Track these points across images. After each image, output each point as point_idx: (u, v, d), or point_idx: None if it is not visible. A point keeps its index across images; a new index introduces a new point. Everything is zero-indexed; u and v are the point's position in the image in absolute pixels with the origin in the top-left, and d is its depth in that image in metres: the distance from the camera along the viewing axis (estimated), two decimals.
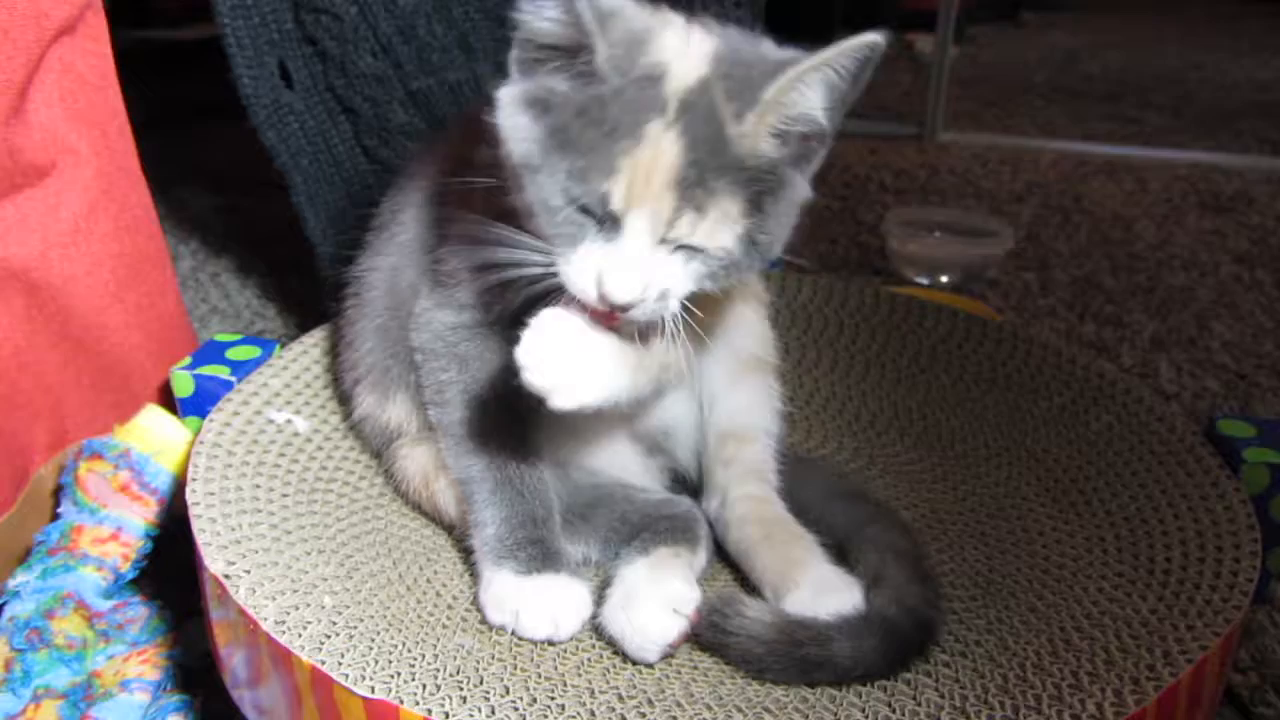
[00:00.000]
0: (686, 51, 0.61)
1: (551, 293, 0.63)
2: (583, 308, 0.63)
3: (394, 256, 0.80)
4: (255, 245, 1.71)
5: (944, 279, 1.59)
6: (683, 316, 0.64)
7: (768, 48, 0.63)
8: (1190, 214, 1.98)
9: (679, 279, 0.62)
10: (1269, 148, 2.45)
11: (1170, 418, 0.84)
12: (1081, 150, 2.40)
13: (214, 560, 0.66)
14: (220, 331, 1.43)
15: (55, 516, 0.89)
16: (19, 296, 0.87)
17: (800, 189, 0.64)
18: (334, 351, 0.90)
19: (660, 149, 0.58)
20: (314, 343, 0.94)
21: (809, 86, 0.59)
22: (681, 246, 0.61)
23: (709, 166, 0.58)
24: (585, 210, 0.60)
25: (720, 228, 0.60)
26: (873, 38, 0.58)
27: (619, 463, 0.79)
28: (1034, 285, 1.62)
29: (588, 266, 0.60)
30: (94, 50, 0.93)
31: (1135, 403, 0.86)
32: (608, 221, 0.60)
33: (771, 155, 0.61)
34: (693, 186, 0.58)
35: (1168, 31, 4.02)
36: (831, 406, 1.00)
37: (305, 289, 1.47)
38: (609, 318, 0.63)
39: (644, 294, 0.60)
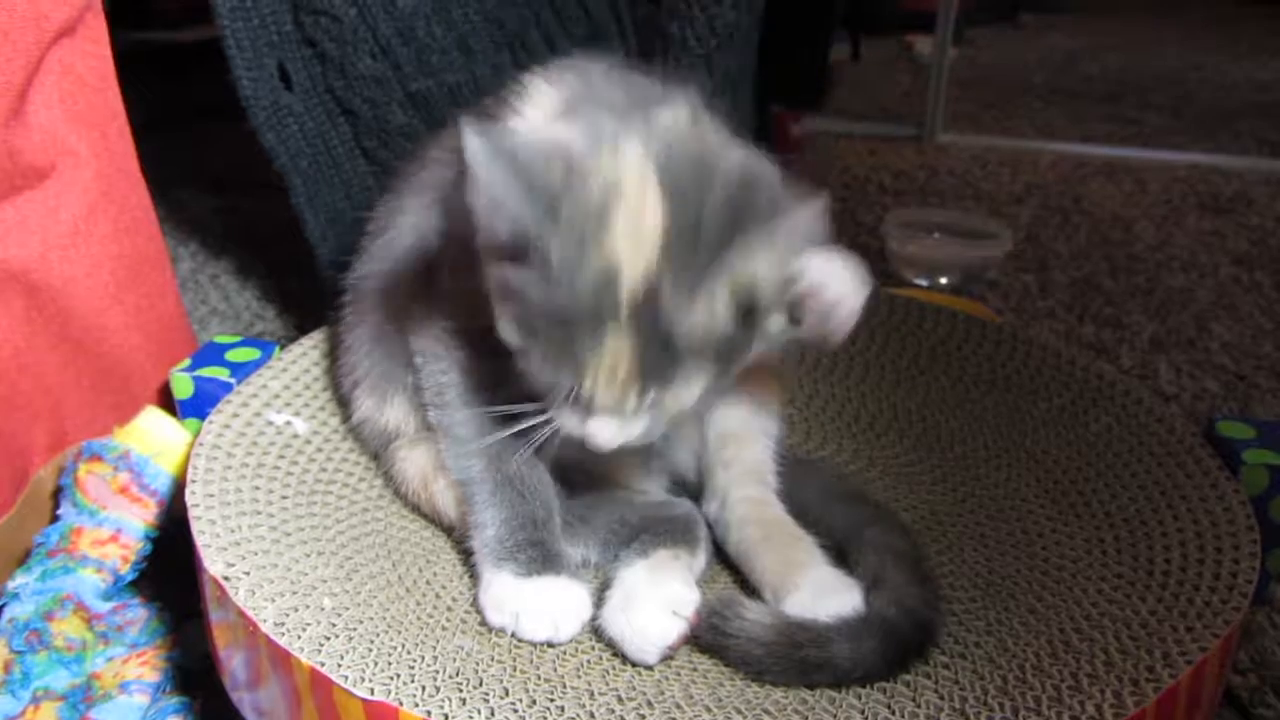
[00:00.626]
0: (638, 237, 0.57)
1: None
2: None
3: (391, 262, 0.80)
4: (255, 247, 1.71)
5: (943, 280, 1.59)
6: None
7: (728, 164, 0.60)
8: (1190, 215, 1.98)
9: (655, 422, 0.63)
10: (1268, 149, 2.45)
11: (1170, 419, 0.84)
12: (1081, 151, 2.40)
13: (213, 562, 0.66)
14: (220, 333, 1.43)
15: (55, 518, 0.89)
16: (18, 298, 0.87)
17: (774, 328, 0.65)
18: (333, 355, 0.90)
19: (620, 350, 0.58)
20: (313, 345, 0.94)
21: (760, 261, 0.58)
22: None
23: (667, 356, 0.59)
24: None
25: (685, 391, 0.61)
26: (817, 204, 0.57)
27: (618, 465, 0.79)
28: (1033, 286, 1.62)
29: (573, 419, 0.63)
30: (94, 52, 0.93)
31: (1135, 404, 0.86)
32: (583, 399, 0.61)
33: (729, 327, 0.59)
34: (653, 373, 0.59)
35: (1167, 33, 4.02)
36: (831, 408, 1.00)
37: (305, 291, 1.47)
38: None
39: (626, 441, 0.63)
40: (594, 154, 0.59)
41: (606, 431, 0.62)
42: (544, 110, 0.71)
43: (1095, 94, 3.02)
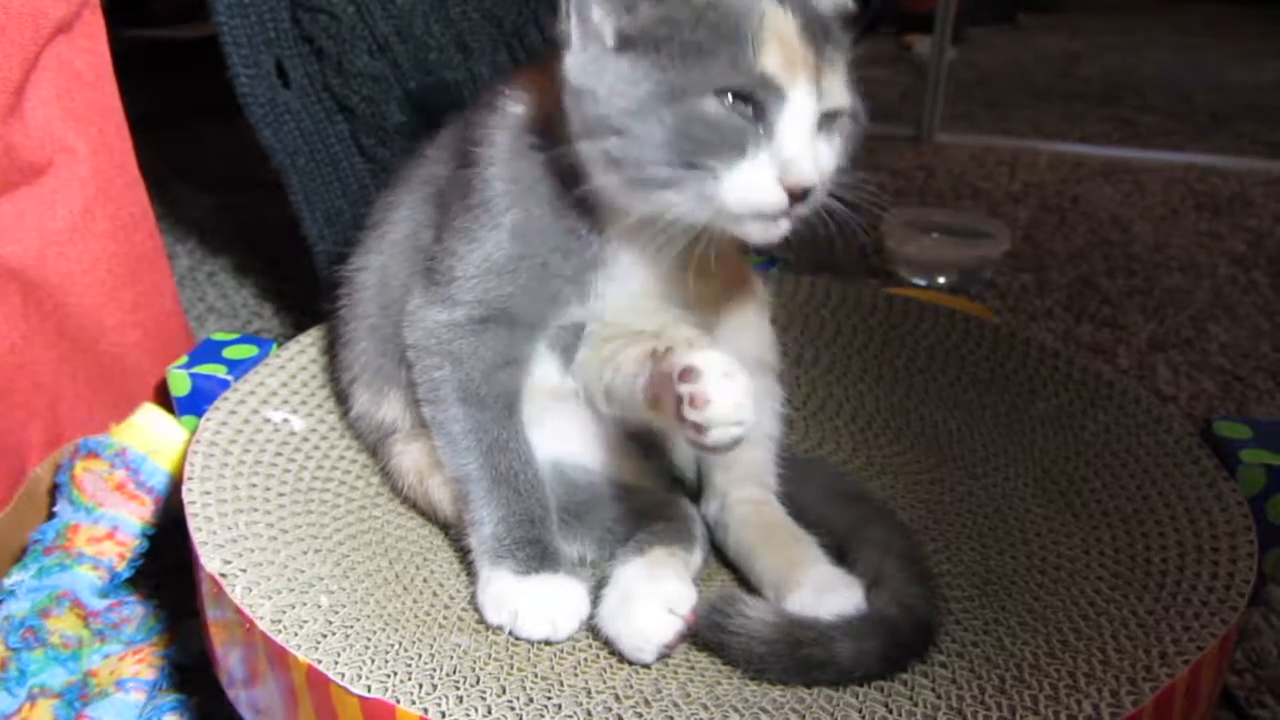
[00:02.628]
0: None
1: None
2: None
3: (386, 255, 0.80)
4: (252, 244, 1.71)
5: (941, 280, 1.59)
6: None
7: None
8: (1187, 216, 1.98)
9: (829, 159, 0.64)
10: (1266, 150, 2.45)
11: (1167, 419, 0.84)
12: (1079, 152, 2.40)
13: (210, 559, 0.66)
14: (217, 330, 1.43)
15: (51, 515, 0.88)
16: (15, 295, 0.87)
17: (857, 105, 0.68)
18: (330, 354, 0.90)
19: (784, 22, 0.61)
20: (311, 342, 0.93)
21: None
22: (824, 118, 0.63)
23: (819, 26, 0.63)
24: (744, 100, 0.60)
25: (844, 87, 0.64)
26: None
27: (616, 463, 0.79)
28: (1031, 286, 1.62)
29: (761, 167, 0.61)
30: (91, 49, 0.93)
31: (1132, 404, 0.86)
32: (765, 105, 0.60)
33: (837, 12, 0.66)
34: (818, 44, 0.62)
35: (1165, 34, 4.02)
36: (829, 407, 1.00)
37: (302, 288, 1.47)
38: (782, 218, 0.63)
39: (823, 173, 0.63)
40: None
41: (809, 157, 0.60)
42: (542, 91, 0.71)
43: (1093, 94, 3.02)
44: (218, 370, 0.88)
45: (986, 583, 0.75)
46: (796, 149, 0.60)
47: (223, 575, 0.64)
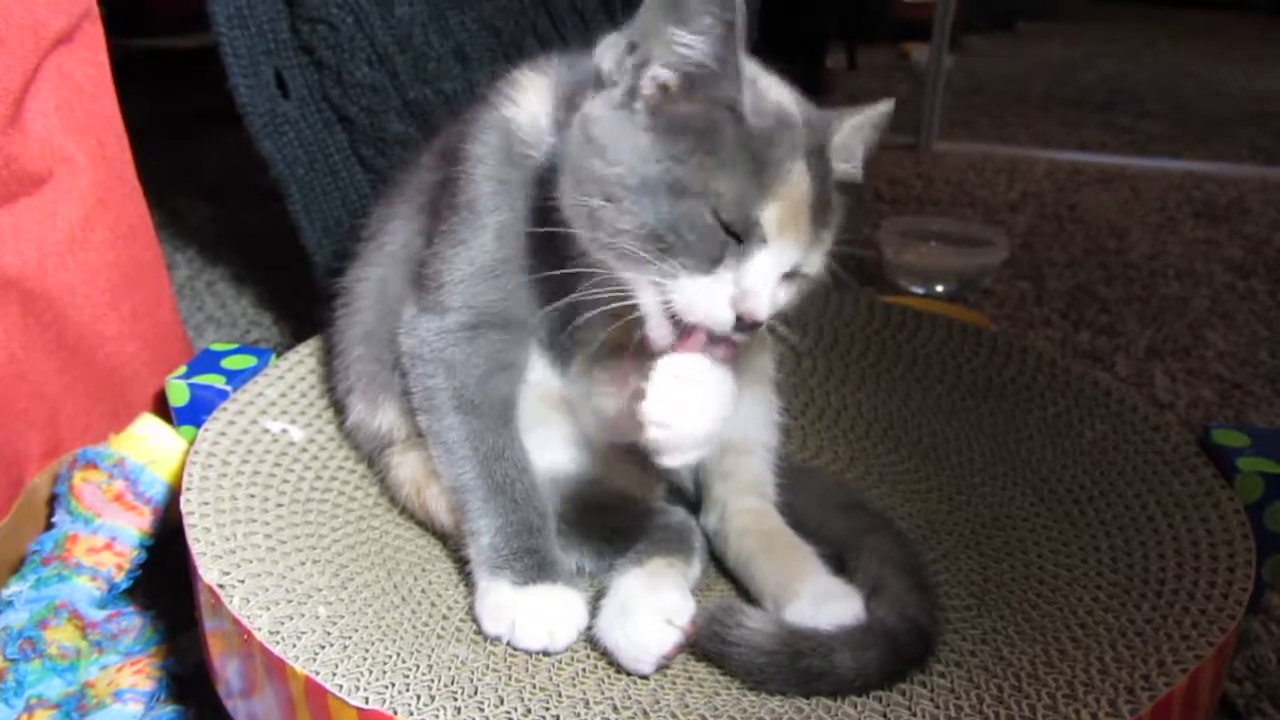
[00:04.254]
0: (786, 97, 0.67)
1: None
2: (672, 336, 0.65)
3: (382, 266, 0.80)
4: (251, 253, 1.71)
5: (939, 288, 1.59)
6: None
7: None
8: (1185, 223, 1.98)
9: (786, 297, 0.67)
10: (1263, 157, 2.46)
11: (1165, 427, 0.84)
12: (1076, 159, 2.41)
13: (208, 570, 0.66)
14: (216, 340, 1.43)
15: (49, 526, 0.88)
16: (14, 305, 0.87)
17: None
18: (328, 363, 0.90)
19: (801, 185, 0.63)
20: (309, 352, 0.93)
21: (860, 131, 0.71)
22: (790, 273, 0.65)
23: (827, 199, 0.66)
24: (728, 231, 0.62)
25: (822, 258, 0.67)
26: (890, 105, 0.71)
27: (614, 473, 0.79)
28: (1029, 294, 1.63)
29: (720, 289, 0.62)
30: (91, 60, 0.93)
31: (1130, 412, 0.87)
32: (748, 242, 0.62)
33: (857, 173, 0.71)
34: (820, 215, 0.65)
35: (1161, 42, 4.04)
36: (827, 416, 1.00)
37: (301, 297, 1.47)
38: (726, 345, 0.65)
39: (773, 310, 0.64)
40: None
41: (765, 298, 0.62)
42: (538, 97, 0.71)
43: (1091, 102, 3.03)
44: (216, 381, 0.88)
45: (984, 592, 0.75)
46: (758, 284, 0.62)
47: (221, 586, 0.64)
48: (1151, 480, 0.80)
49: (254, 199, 1.58)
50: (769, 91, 0.66)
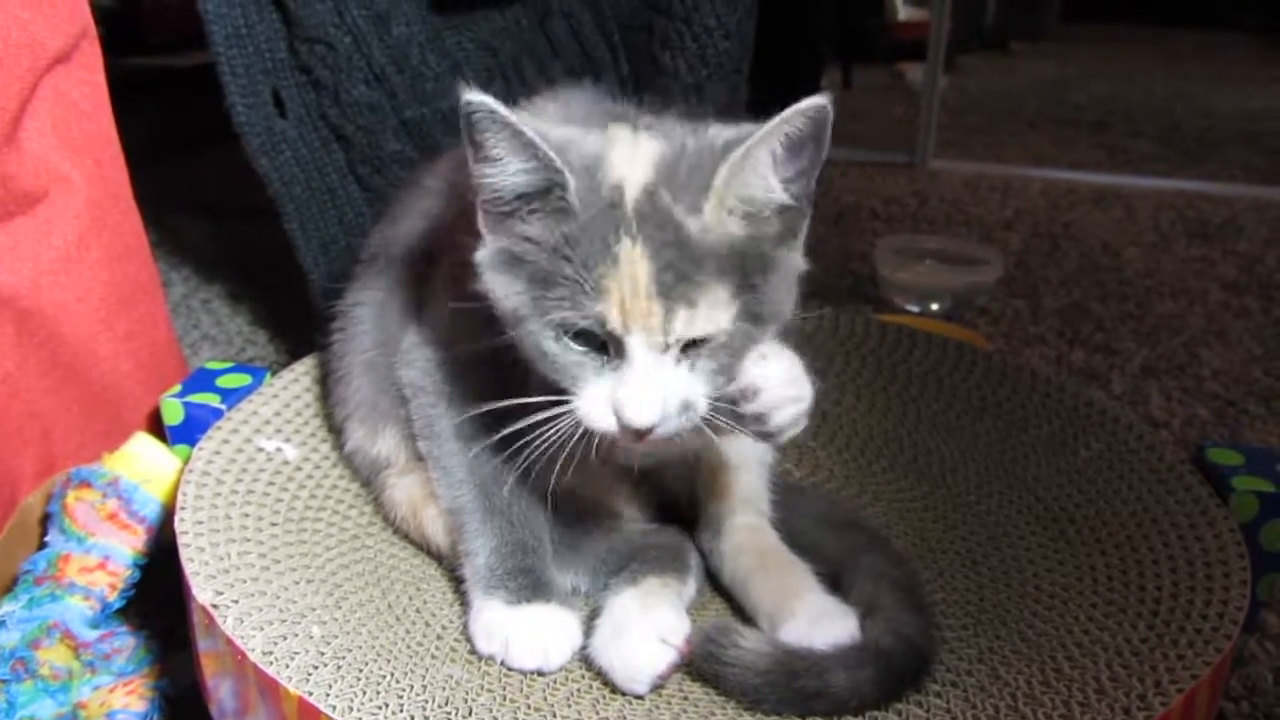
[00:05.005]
0: (634, 161, 0.61)
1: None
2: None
3: (381, 291, 0.80)
4: (247, 271, 1.71)
5: (935, 306, 1.60)
6: None
7: (715, 131, 0.63)
8: (1178, 241, 1.99)
9: (695, 385, 0.62)
10: (1255, 176, 2.47)
11: (1159, 446, 0.84)
12: (1070, 178, 2.42)
13: (202, 590, 0.65)
14: (211, 358, 1.43)
15: (42, 545, 0.88)
16: (9, 324, 0.87)
17: (792, 263, 0.65)
18: (324, 384, 0.90)
19: (635, 265, 0.58)
20: (304, 370, 0.93)
21: (758, 164, 0.60)
22: (687, 348, 0.61)
23: (683, 265, 0.59)
24: (585, 340, 0.61)
25: (715, 313, 0.60)
26: (817, 101, 0.58)
27: (609, 493, 0.79)
28: (1024, 312, 1.63)
29: (600, 400, 0.61)
30: (88, 79, 0.93)
31: (1125, 431, 0.87)
32: (609, 349, 0.61)
33: (743, 236, 0.61)
34: (674, 287, 0.59)
35: (1153, 61, 4.07)
36: (823, 435, 1.00)
37: (297, 315, 1.47)
38: (636, 440, 0.62)
39: (664, 410, 0.60)
40: (585, 133, 0.64)
41: (643, 400, 0.59)
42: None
43: (1084, 121, 3.05)
44: (211, 399, 0.88)
45: (980, 611, 0.75)
46: (631, 395, 0.60)
47: (214, 606, 0.64)
48: (1147, 499, 0.80)
49: (250, 217, 1.58)
50: (605, 165, 0.61)
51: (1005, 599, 0.76)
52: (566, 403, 0.62)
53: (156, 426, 0.93)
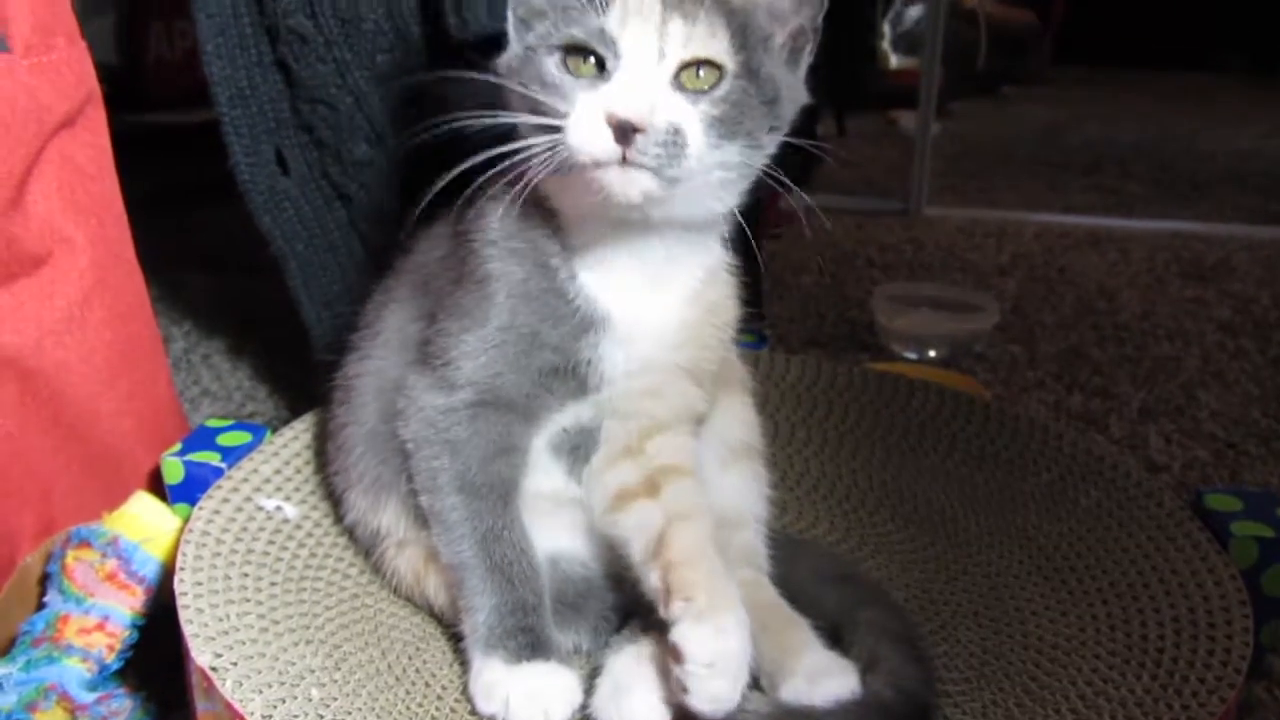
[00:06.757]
0: None
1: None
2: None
3: (379, 358, 0.80)
4: (248, 327, 1.72)
5: (932, 353, 1.60)
6: None
7: None
8: (1173, 283, 2.01)
9: (689, 115, 0.62)
10: (1246, 215, 2.49)
11: (1158, 493, 0.84)
12: (1064, 222, 2.44)
13: (201, 652, 0.65)
14: (211, 414, 1.43)
15: (41, 606, 0.88)
16: (12, 384, 0.87)
17: (793, 79, 0.68)
18: (325, 448, 0.90)
19: None
20: (304, 428, 0.94)
21: None
22: (684, 74, 0.62)
23: None
24: (583, 52, 0.63)
25: (713, 42, 0.62)
26: None
27: (611, 553, 0.79)
28: (1021, 358, 1.64)
29: (594, 105, 0.62)
30: (93, 142, 0.95)
31: (1123, 478, 0.87)
32: (607, 57, 0.62)
33: (749, 7, 0.65)
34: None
35: (1143, 105, 4.12)
36: (822, 487, 1.00)
37: (298, 371, 1.47)
38: (626, 150, 0.61)
39: (653, 114, 0.60)
40: None
41: (634, 93, 0.61)
42: None
43: (1076, 164, 3.08)
44: (211, 458, 0.89)
45: (983, 663, 0.75)
46: (619, 89, 0.61)
47: (214, 669, 0.64)
48: (1147, 546, 0.80)
49: (251, 271, 1.59)
50: None
51: (1008, 650, 0.75)
52: (557, 130, 0.62)
53: (157, 485, 0.93)
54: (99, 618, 0.85)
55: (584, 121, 0.61)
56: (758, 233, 0.74)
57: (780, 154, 0.70)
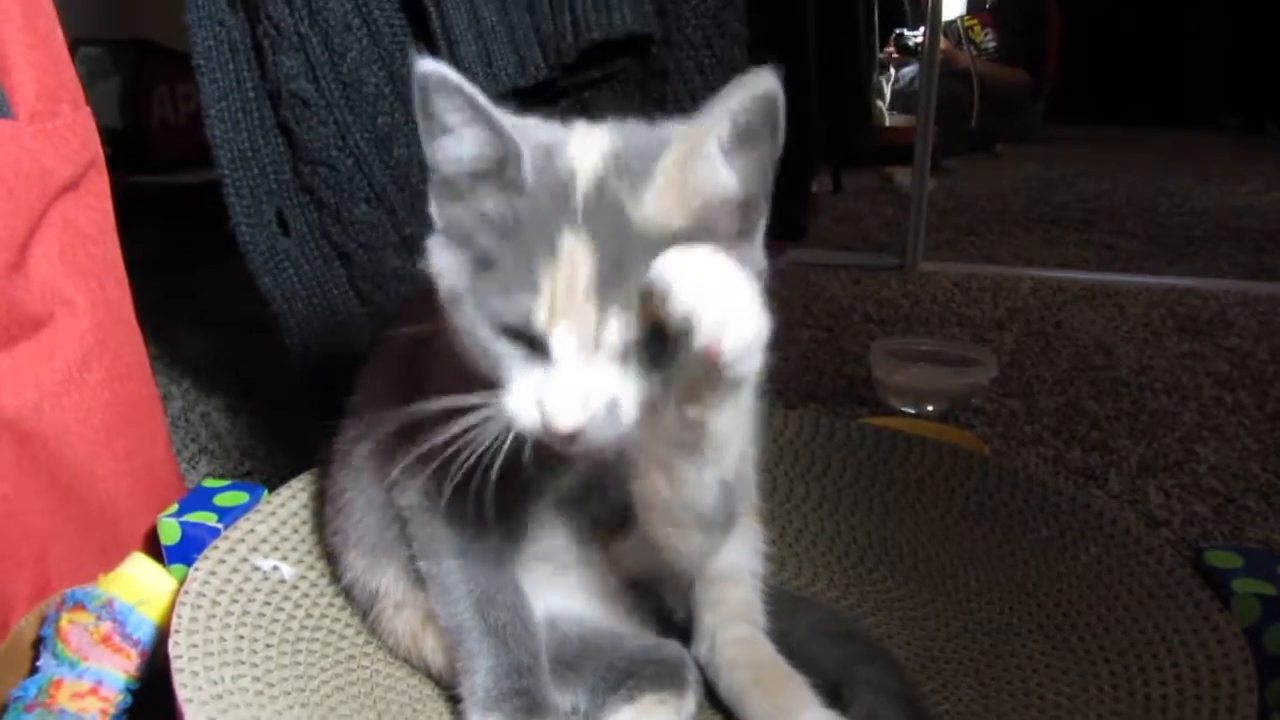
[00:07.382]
0: (589, 150, 0.60)
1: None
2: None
3: (378, 429, 0.80)
4: (246, 385, 1.72)
5: (930, 408, 1.61)
6: None
7: (666, 128, 0.62)
8: (1169, 337, 2.01)
9: (625, 383, 0.58)
10: (1240, 270, 2.51)
11: (1158, 550, 0.84)
12: (1059, 277, 2.46)
13: (195, 716, 0.65)
14: (209, 472, 1.43)
15: (34, 670, 0.87)
16: (9, 447, 0.87)
17: (748, 259, 0.60)
18: (321, 511, 0.89)
19: (576, 258, 0.56)
20: (301, 487, 0.94)
21: (706, 151, 0.57)
22: (625, 347, 0.57)
23: (627, 263, 0.56)
24: (514, 335, 0.59)
25: (656, 307, 0.54)
26: (765, 81, 0.54)
27: (609, 610, 0.78)
28: (1020, 412, 1.64)
29: (527, 397, 0.59)
30: (95, 206, 0.96)
31: (1123, 534, 0.86)
32: (538, 346, 0.58)
33: (690, 228, 0.57)
34: (614, 288, 0.56)
35: (1136, 160, 4.17)
36: (820, 543, 0.99)
37: (296, 429, 1.47)
38: (566, 447, 0.59)
39: (589, 413, 0.57)
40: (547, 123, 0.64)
41: (565, 401, 0.56)
42: None
43: (1071, 220, 3.11)
44: (208, 518, 0.88)
45: None
46: (550, 394, 0.57)
47: None
48: (1148, 604, 0.79)
49: (250, 329, 1.60)
50: (560, 151, 0.60)
51: (1010, 709, 0.75)
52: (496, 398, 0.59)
53: (154, 546, 0.92)
54: (92, 682, 0.84)
55: (523, 406, 0.58)
56: None
57: (776, 210, 0.67)
